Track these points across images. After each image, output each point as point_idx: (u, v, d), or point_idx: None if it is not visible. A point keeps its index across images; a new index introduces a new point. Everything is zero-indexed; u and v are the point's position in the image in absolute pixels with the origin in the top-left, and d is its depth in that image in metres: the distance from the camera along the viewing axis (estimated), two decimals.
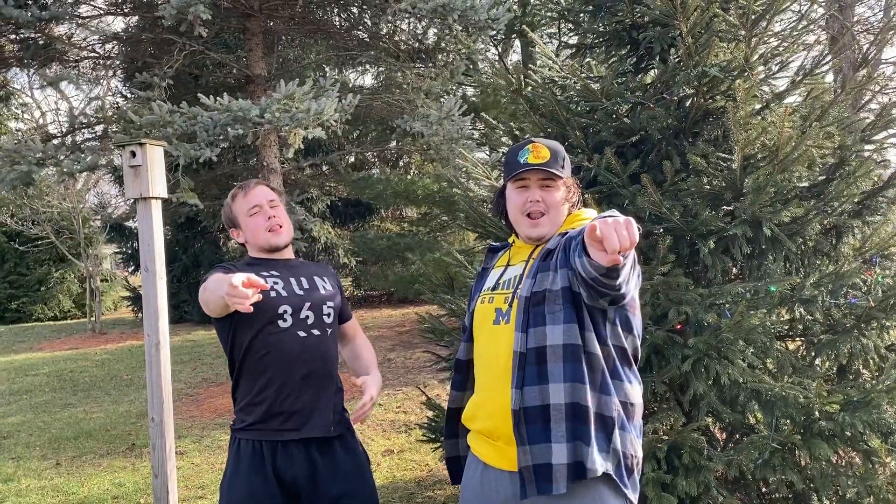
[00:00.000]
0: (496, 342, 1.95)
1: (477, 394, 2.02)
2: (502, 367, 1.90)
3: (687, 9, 3.17)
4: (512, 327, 1.90)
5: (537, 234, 1.99)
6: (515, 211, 2.01)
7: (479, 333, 2.03)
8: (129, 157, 3.86)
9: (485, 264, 2.20)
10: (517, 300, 1.91)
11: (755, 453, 2.89)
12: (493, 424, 1.93)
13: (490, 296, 2.03)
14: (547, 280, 1.88)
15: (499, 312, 1.97)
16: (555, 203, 1.98)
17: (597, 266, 1.64)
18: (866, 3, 12.41)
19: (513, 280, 1.99)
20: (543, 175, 1.97)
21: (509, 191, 2.04)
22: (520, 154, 1.98)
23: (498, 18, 7.11)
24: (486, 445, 1.99)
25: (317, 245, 13.83)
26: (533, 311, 1.87)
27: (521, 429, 1.84)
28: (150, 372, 3.94)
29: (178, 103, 5.88)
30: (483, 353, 2.01)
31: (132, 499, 4.84)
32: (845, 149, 3.37)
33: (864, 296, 3.22)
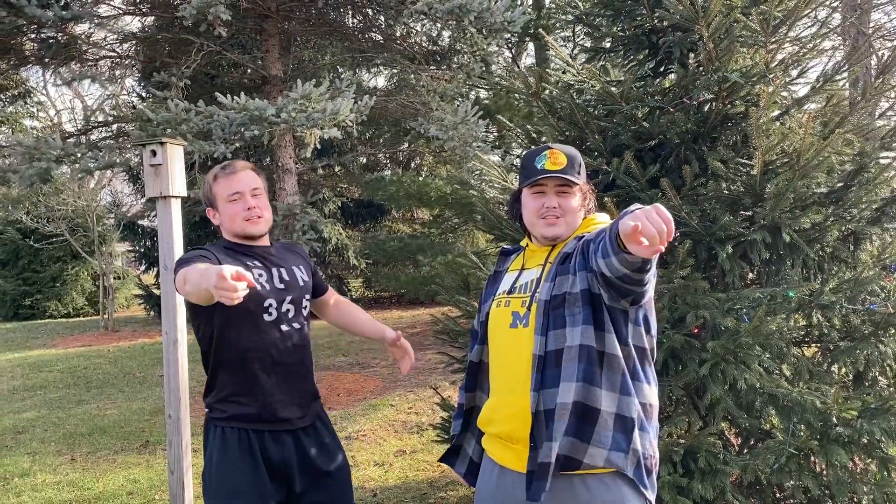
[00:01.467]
0: (514, 346, 1.96)
1: (493, 397, 2.03)
2: (522, 371, 1.91)
3: (709, 13, 3.17)
4: (531, 330, 1.92)
5: (553, 234, 2.01)
6: (531, 215, 2.04)
7: (495, 336, 2.04)
8: (149, 155, 3.90)
9: (497, 267, 2.21)
10: (536, 304, 1.93)
11: (771, 458, 2.89)
12: (511, 427, 1.94)
13: (506, 299, 2.03)
14: (566, 283, 1.90)
15: (516, 316, 1.98)
16: (571, 209, 2.01)
17: (631, 262, 1.64)
18: (882, 9, 12.34)
19: (530, 284, 2.00)
20: (560, 182, 1.99)
21: (525, 195, 2.06)
22: (537, 160, 2.01)
23: (514, 21, 7.12)
24: (503, 448, 2.00)
25: (328, 246, 13.87)
26: (553, 315, 1.89)
27: (538, 431, 1.86)
28: (167, 369, 3.98)
29: (193, 102, 5.93)
30: (500, 357, 2.02)
31: (147, 495, 4.87)
32: (864, 155, 3.36)
33: (883, 302, 3.21)
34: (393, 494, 4.56)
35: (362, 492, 4.65)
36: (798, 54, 3.47)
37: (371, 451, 5.54)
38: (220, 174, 2.54)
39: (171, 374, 3.95)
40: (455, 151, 7.91)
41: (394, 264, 13.84)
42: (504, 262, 2.20)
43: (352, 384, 8.04)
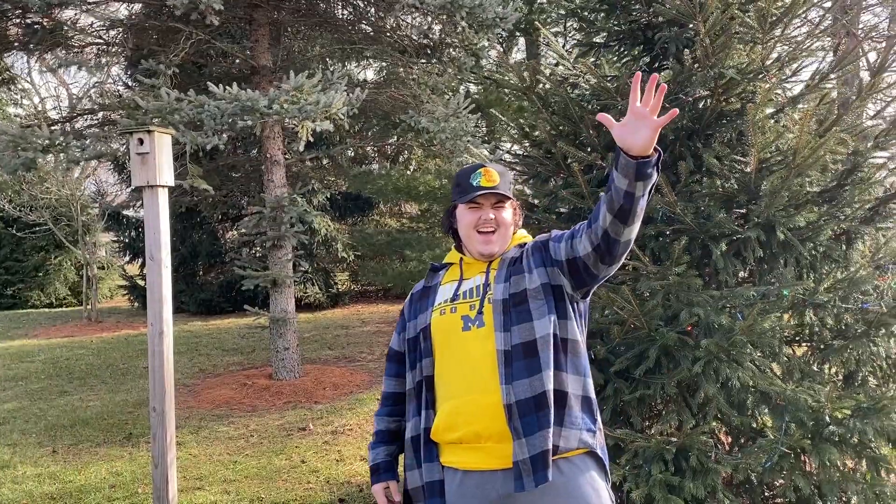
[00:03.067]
0: (471, 347, 1.99)
1: (450, 402, 1.99)
2: (486, 369, 1.95)
3: (706, 9, 3.15)
4: (489, 329, 1.98)
5: (489, 251, 2.11)
6: (468, 228, 2.13)
7: (447, 343, 2.04)
8: (136, 144, 3.83)
9: (426, 283, 2.23)
10: (491, 304, 2.01)
11: (763, 457, 2.88)
12: (479, 426, 1.93)
13: (450, 306, 2.07)
14: (523, 281, 2.02)
15: (466, 319, 2.03)
16: (505, 222, 2.13)
17: (638, 164, 1.74)
18: (872, 10, 12.39)
19: (475, 290, 2.08)
20: (496, 198, 2.11)
21: (461, 210, 2.15)
22: (472, 177, 2.11)
23: (506, 17, 7.08)
24: (467, 452, 1.97)
25: (316, 238, 13.78)
26: (515, 311, 1.98)
27: (515, 423, 1.89)
28: (152, 361, 3.92)
29: (182, 91, 5.85)
30: (456, 361, 2.01)
31: (129, 488, 4.81)
32: (858, 155, 3.36)
33: (876, 302, 3.21)
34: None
35: (349, 487, 4.62)
36: (794, 52, 3.46)
37: (357, 446, 5.51)
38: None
39: (155, 367, 3.89)
40: (445, 145, 7.87)
41: (381, 258, 13.78)
42: (434, 278, 2.23)
43: (338, 378, 7.99)
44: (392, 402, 2.23)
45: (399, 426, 2.21)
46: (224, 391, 7.59)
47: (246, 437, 5.94)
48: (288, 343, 7.89)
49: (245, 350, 10.23)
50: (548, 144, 3.66)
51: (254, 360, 9.39)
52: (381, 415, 2.25)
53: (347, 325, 12.30)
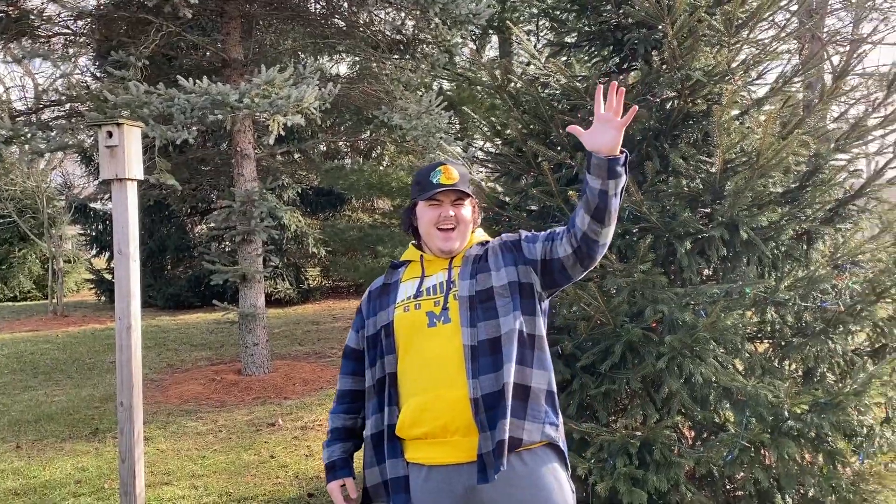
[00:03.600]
0: (437, 343, 2.02)
1: (416, 398, 2.01)
2: (453, 363, 1.98)
3: (674, 12, 3.21)
4: (455, 325, 2.02)
5: (449, 248, 2.14)
6: (428, 225, 2.15)
7: (412, 339, 2.06)
8: (105, 136, 3.79)
9: (386, 280, 2.24)
10: (458, 301, 2.04)
11: (724, 451, 2.95)
12: (446, 420, 1.97)
13: (414, 303, 2.10)
14: (490, 279, 2.07)
15: (431, 315, 2.06)
16: (465, 219, 2.17)
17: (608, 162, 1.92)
18: (836, 14, 12.64)
19: (438, 286, 2.11)
20: (456, 196, 2.15)
21: (422, 207, 2.17)
22: (432, 175, 2.15)
23: (479, 14, 7.11)
24: (433, 447, 2.00)
25: (286, 233, 13.71)
26: (481, 307, 2.03)
27: (480, 416, 1.93)
28: (119, 356, 3.89)
29: (154, 84, 5.79)
30: (422, 357, 2.03)
31: (95, 483, 4.77)
32: (819, 157, 3.44)
33: (835, 301, 3.30)
34: None
35: (318, 482, 4.63)
36: (758, 55, 3.54)
37: None
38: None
39: (123, 362, 3.86)
40: (418, 141, 7.89)
41: (353, 253, 13.74)
42: (393, 275, 2.24)
43: (308, 374, 7.98)
44: (349, 399, 2.24)
45: (355, 423, 2.22)
46: (192, 386, 7.54)
47: (214, 432, 5.92)
48: (257, 338, 7.85)
49: (214, 345, 10.17)
50: (519, 143, 3.70)
51: (222, 356, 9.33)
52: (337, 412, 2.25)
53: (318, 320, 12.26)
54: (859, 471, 3.12)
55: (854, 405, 2.99)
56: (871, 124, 3.61)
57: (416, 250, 2.25)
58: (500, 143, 4.06)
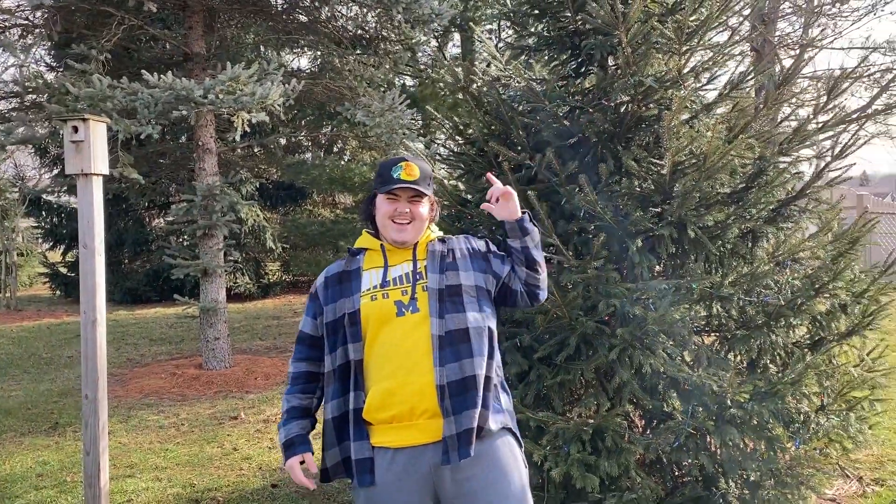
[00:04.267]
0: (405, 331, 2.14)
1: (382, 383, 2.12)
2: (420, 351, 2.12)
3: (628, 20, 3.36)
4: (423, 315, 2.15)
5: (402, 239, 2.26)
6: (384, 217, 2.27)
7: (379, 328, 2.15)
8: (71, 132, 3.83)
9: (345, 267, 2.30)
10: (428, 292, 2.18)
11: (671, 437, 3.12)
12: (413, 404, 2.10)
13: (381, 292, 2.19)
14: (458, 277, 2.23)
15: (400, 305, 2.17)
16: (421, 216, 2.28)
17: (512, 227, 2.29)
18: (787, 19, 13.03)
19: (405, 276, 2.22)
20: (413, 193, 2.25)
21: (380, 199, 2.28)
22: (393, 169, 2.25)
23: (441, 13, 7.22)
24: (399, 431, 2.12)
25: (244, 227, 13.65)
26: (449, 301, 2.18)
27: (445, 402, 2.08)
28: (84, 349, 3.93)
29: (115, 78, 5.77)
30: (391, 344, 2.14)
31: (57, 476, 4.78)
32: (764, 160, 3.64)
33: (776, 296, 3.49)
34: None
35: (281, 473, 4.71)
36: (708, 62, 3.72)
37: None
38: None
39: (88, 355, 3.91)
40: (381, 138, 7.97)
41: (314, 248, 13.75)
42: (353, 263, 2.31)
43: (269, 368, 8.02)
44: (304, 380, 2.30)
45: (311, 404, 2.29)
46: (153, 381, 7.53)
47: (177, 425, 5.95)
48: (218, 333, 7.87)
49: (174, 340, 10.12)
50: (480, 143, 3.83)
51: (183, 350, 9.31)
52: (293, 393, 2.29)
53: (279, 315, 12.27)
54: (795, 456, 3.32)
55: (791, 394, 3.18)
56: (812, 128, 3.82)
57: (373, 238, 2.33)
58: (462, 143, 4.18)
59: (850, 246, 3.70)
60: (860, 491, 4.06)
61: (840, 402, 3.54)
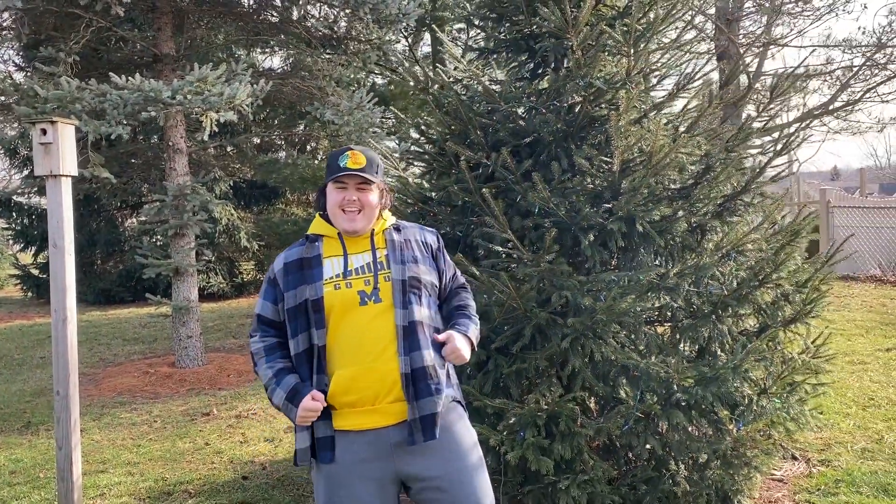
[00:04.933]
0: (368, 320, 2.26)
1: (347, 369, 2.23)
2: (384, 340, 2.25)
3: (578, 24, 3.52)
4: (387, 306, 2.28)
5: (352, 228, 2.34)
6: (333, 206, 2.34)
7: (342, 316, 2.26)
8: (39, 134, 3.91)
9: (305, 254, 2.36)
10: (391, 282, 2.29)
11: (621, 421, 3.29)
12: (376, 390, 2.24)
13: (344, 282, 2.29)
14: (417, 269, 2.35)
15: (363, 294, 2.27)
16: (370, 203, 2.35)
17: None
18: (751, 17, 13.31)
19: (367, 266, 2.33)
20: (360, 180, 2.33)
21: (329, 189, 2.36)
22: (340, 159, 2.33)
23: (409, 13, 7.35)
24: (361, 415, 2.25)
25: (218, 227, 13.67)
26: (411, 292, 2.31)
27: (409, 389, 2.24)
28: (56, 347, 4.01)
29: (83, 79, 5.83)
30: (354, 332, 2.25)
31: (30, 473, 4.85)
32: (710, 157, 3.81)
33: (721, 286, 3.67)
34: (282, 467, 4.75)
35: (252, 466, 4.82)
36: (657, 63, 3.89)
37: (262, 429, 5.70)
38: None
39: (60, 352, 3.99)
40: (351, 137, 8.08)
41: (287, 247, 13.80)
42: (312, 250, 2.36)
43: (242, 365, 8.11)
44: (279, 349, 2.36)
45: (292, 367, 2.33)
46: (126, 379, 7.59)
47: (149, 422, 6.03)
48: (191, 331, 7.94)
49: (146, 339, 10.15)
50: (440, 142, 3.97)
51: (155, 349, 9.35)
52: (274, 358, 2.34)
53: (252, 313, 12.30)
54: (737, 437, 3.50)
55: (733, 378, 3.36)
56: (756, 126, 4.01)
57: (328, 225, 2.40)
58: (425, 142, 4.32)
59: (791, 238, 3.89)
60: (807, 471, 4.26)
61: (780, 386, 3.72)
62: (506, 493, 3.54)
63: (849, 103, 12.65)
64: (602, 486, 3.29)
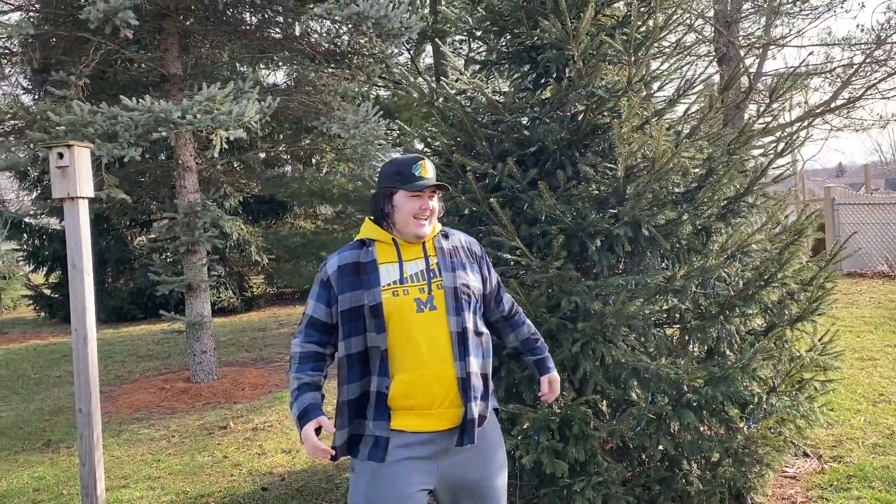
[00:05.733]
0: (427, 327, 2.34)
1: (405, 374, 2.32)
2: (440, 346, 2.34)
3: (578, 35, 3.61)
4: (441, 313, 2.36)
5: (424, 234, 2.43)
6: (408, 215, 2.40)
7: (403, 322, 2.34)
8: (56, 158, 4.02)
9: (360, 258, 2.41)
10: (444, 290, 2.37)
11: (633, 423, 3.35)
12: (433, 395, 2.32)
13: (402, 288, 2.36)
14: (467, 277, 2.44)
15: (419, 302, 2.35)
16: (436, 210, 2.47)
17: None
18: (751, 18, 13.38)
19: (420, 274, 2.40)
20: (433, 189, 2.44)
21: (402, 197, 2.41)
22: (413, 168, 2.42)
23: (411, 27, 7.45)
24: (419, 417, 2.33)
25: (229, 242, 13.80)
26: (463, 300, 2.39)
27: (467, 392, 2.34)
28: (77, 365, 4.11)
29: (94, 102, 5.95)
30: (413, 338, 2.33)
31: (54, 490, 4.94)
32: (713, 160, 3.88)
33: (727, 287, 3.74)
34: (301, 477, 4.82)
35: (271, 477, 4.90)
36: (655, 71, 3.97)
37: (278, 440, 5.77)
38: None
39: (80, 370, 4.09)
40: (357, 150, 8.18)
41: (296, 260, 13.91)
42: (366, 254, 2.41)
43: (256, 378, 8.19)
44: (314, 360, 2.41)
45: (321, 381, 2.41)
46: (142, 395, 7.68)
47: (167, 437, 6.11)
48: (205, 346, 8.03)
49: (161, 355, 10.25)
50: (446, 154, 4.05)
51: (170, 365, 9.45)
52: (303, 371, 2.39)
53: (264, 327, 12.41)
54: (748, 435, 3.56)
55: (742, 377, 3.42)
56: (757, 128, 4.08)
57: (380, 230, 2.45)
58: (430, 153, 4.40)
59: (795, 237, 3.95)
60: (819, 468, 4.31)
61: (789, 384, 3.78)
62: (522, 496, 3.61)
63: (850, 101, 12.69)
64: (616, 488, 3.35)
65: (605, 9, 4.12)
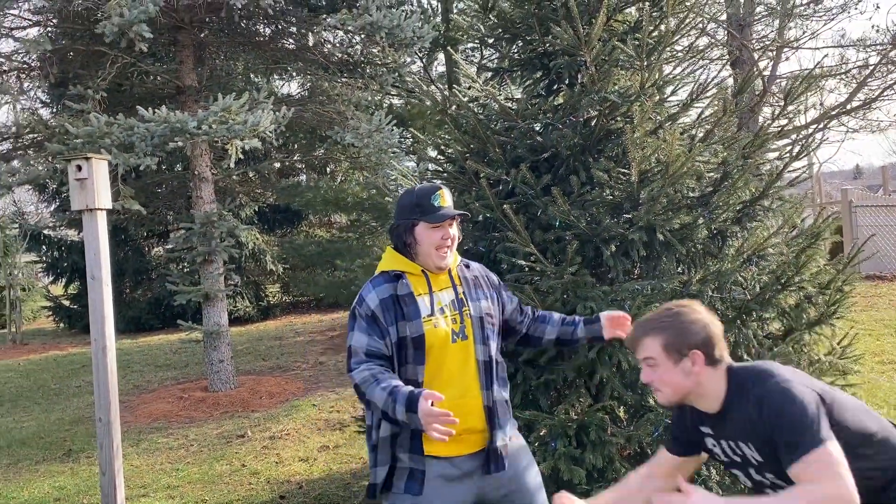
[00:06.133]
0: (460, 356, 2.41)
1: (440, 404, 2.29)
2: (470, 375, 2.40)
3: (590, 41, 3.61)
4: (470, 342, 2.43)
5: (446, 265, 2.46)
6: (430, 246, 2.41)
7: (440, 353, 2.38)
8: (75, 170, 4.07)
9: (400, 291, 2.40)
10: (471, 319, 2.44)
11: (651, 428, 3.34)
12: (466, 423, 2.32)
13: (437, 320, 2.40)
14: (490, 306, 2.53)
15: (453, 332, 2.41)
16: (456, 239, 2.49)
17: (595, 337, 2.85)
18: (762, 21, 13.32)
19: (452, 304, 2.45)
20: (452, 219, 2.46)
21: (424, 228, 2.41)
22: (433, 198, 2.42)
23: (423, 36, 7.49)
24: (451, 444, 2.30)
25: (244, 251, 13.89)
26: (487, 328, 2.48)
27: (493, 420, 2.41)
28: (97, 375, 4.15)
29: (111, 114, 6.02)
30: (448, 368, 2.39)
31: (74, 499, 4.98)
32: (727, 164, 3.87)
33: (744, 291, 3.71)
34: (318, 486, 4.84)
35: (288, 485, 4.91)
36: (669, 76, 3.96)
37: (296, 448, 5.79)
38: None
39: (100, 380, 4.12)
40: (371, 158, 8.22)
41: (312, 268, 13.97)
42: (402, 287, 2.40)
43: (273, 387, 8.22)
44: (391, 373, 2.31)
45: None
46: (160, 405, 7.74)
47: (186, 446, 6.15)
48: (222, 355, 8.08)
49: (178, 365, 10.32)
50: (460, 161, 4.07)
51: (188, 375, 9.51)
52: (386, 378, 2.26)
53: (280, 336, 12.47)
54: None
55: None
56: (772, 132, 4.07)
57: (409, 262, 2.44)
58: (444, 161, 4.42)
59: (812, 240, 3.92)
60: None
61: None
62: None
63: (866, 102, 12.60)
64: None
65: (617, 14, 4.13)
